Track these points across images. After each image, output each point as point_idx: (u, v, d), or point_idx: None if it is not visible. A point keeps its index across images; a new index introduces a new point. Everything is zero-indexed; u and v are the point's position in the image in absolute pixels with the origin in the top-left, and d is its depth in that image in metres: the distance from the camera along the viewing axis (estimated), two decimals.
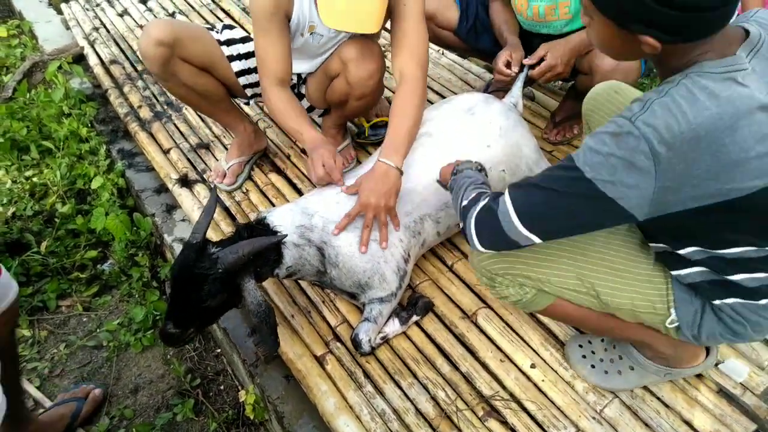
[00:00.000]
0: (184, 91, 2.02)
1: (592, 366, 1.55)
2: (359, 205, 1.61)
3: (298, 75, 2.12)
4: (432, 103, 2.04)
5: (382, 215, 1.62)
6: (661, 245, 1.20)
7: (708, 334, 1.23)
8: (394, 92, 1.80)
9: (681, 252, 1.15)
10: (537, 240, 1.12)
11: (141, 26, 3.53)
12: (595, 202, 1.01)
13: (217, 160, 2.42)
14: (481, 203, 1.20)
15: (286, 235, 1.54)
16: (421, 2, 1.79)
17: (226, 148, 2.48)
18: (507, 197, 1.13)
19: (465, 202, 1.26)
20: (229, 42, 2.04)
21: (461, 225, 1.26)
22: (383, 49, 1.98)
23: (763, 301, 1.15)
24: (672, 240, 1.15)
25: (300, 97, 2.18)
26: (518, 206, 1.11)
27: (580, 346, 1.59)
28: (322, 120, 2.28)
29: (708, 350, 1.49)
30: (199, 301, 1.40)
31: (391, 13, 1.78)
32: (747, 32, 1.00)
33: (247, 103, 2.25)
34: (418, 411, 1.53)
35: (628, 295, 1.26)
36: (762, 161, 0.94)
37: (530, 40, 2.09)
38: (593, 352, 1.56)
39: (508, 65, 1.97)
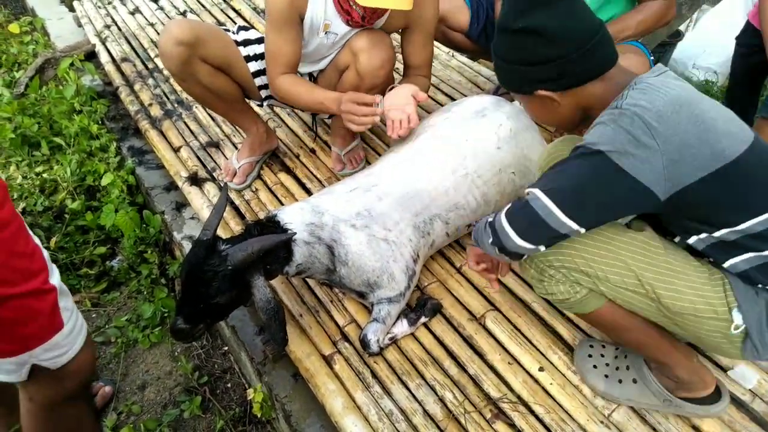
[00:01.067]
0: (200, 91, 2.03)
1: (594, 366, 1.53)
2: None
3: (310, 74, 2.13)
4: (442, 105, 2.04)
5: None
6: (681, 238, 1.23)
7: None
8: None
9: (690, 241, 1.19)
10: (577, 227, 1.14)
11: (152, 24, 3.55)
12: (617, 177, 1.07)
13: (227, 158, 2.43)
14: (506, 208, 1.23)
15: (296, 233, 1.54)
16: (435, 19, 1.92)
17: (236, 147, 2.49)
18: (539, 192, 1.14)
19: (489, 219, 1.28)
20: (246, 43, 2.05)
21: (490, 237, 1.25)
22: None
23: None
24: (686, 226, 1.18)
25: None
26: (554, 197, 1.13)
27: (591, 346, 1.59)
28: (332, 121, 2.29)
29: (719, 392, 1.43)
30: (209, 297, 1.41)
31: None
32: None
33: (261, 105, 2.25)
34: (426, 412, 1.53)
35: (690, 298, 1.18)
36: (727, 127, 1.08)
37: None
38: (602, 356, 1.55)
39: None
